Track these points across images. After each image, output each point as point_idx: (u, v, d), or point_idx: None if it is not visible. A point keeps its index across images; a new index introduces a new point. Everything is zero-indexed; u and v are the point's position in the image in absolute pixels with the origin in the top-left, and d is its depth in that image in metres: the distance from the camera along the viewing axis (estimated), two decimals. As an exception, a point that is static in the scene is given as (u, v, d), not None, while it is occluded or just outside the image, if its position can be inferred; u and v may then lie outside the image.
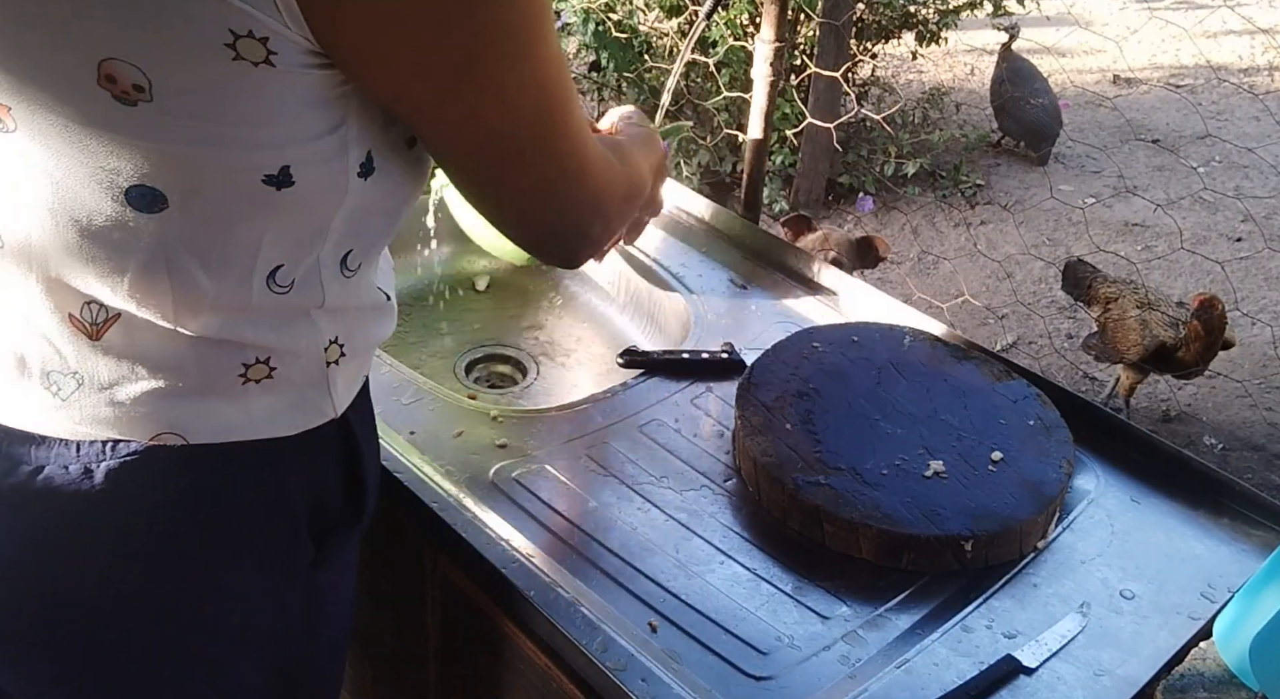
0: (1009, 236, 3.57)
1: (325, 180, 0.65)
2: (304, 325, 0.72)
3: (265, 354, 0.71)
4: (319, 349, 0.74)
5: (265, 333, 0.70)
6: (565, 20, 3.54)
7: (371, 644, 1.18)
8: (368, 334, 0.79)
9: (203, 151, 0.60)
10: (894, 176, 3.74)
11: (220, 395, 0.70)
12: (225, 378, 0.70)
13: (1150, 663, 0.86)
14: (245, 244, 0.65)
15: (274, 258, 0.67)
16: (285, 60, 0.58)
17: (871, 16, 3.76)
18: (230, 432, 0.71)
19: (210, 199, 0.62)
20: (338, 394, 0.76)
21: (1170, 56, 5.20)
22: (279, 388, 0.72)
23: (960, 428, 1.05)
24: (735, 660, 0.84)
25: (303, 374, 0.73)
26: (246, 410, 0.71)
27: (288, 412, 0.74)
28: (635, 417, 1.11)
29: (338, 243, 0.70)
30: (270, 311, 0.69)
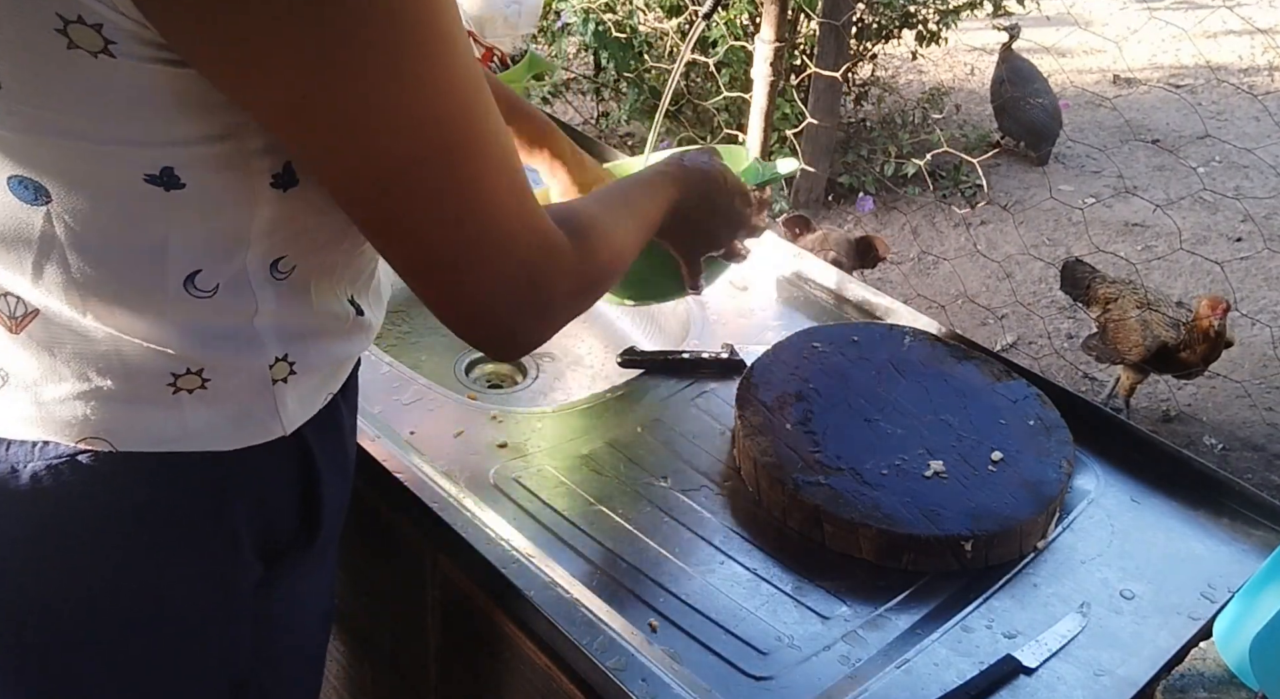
0: (1009, 236, 3.57)
1: (226, 188, 0.61)
2: (242, 339, 0.68)
3: (196, 365, 0.67)
4: (262, 365, 0.69)
5: (193, 342, 0.66)
6: (565, 20, 3.54)
7: (371, 644, 1.18)
8: (328, 352, 0.73)
9: (67, 144, 0.57)
10: (894, 176, 3.74)
11: (150, 403, 0.67)
12: (153, 385, 0.66)
13: (1150, 663, 0.86)
14: (148, 244, 0.62)
15: (189, 261, 0.63)
16: (126, 51, 0.54)
17: (871, 16, 3.76)
18: (161, 441, 0.67)
19: (93, 194, 0.60)
20: (288, 412, 0.72)
21: (1170, 56, 5.20)
22: (215, 401, 0.68)
23: (960, 428, 1.05)
24: (735, 660, 0.84)
25: (243, 389, 0.69)
26: (180, 421, 0.67)
27: (227, 426, 0.69)
28: (635, 417, 1.11)
29: (265, 251, 0.65)
30: (196, 318, 0.65)
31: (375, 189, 0.59)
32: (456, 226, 0.61)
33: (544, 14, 3.51)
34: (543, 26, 3.62)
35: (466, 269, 0.63)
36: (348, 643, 1.23)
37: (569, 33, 3.57)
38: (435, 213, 0.60)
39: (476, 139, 0.60)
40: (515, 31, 1.63)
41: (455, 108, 0.59)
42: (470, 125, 0.60)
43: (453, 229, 0.61)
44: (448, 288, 0.64)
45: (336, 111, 0.56)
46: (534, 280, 0.66)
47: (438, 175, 0.59)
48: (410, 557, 1.03)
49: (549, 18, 3.61)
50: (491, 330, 0.68)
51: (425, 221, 0.61)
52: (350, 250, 0.71)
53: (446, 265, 0.63)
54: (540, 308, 0.68)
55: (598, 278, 0.75)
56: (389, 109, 0.56)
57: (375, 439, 1.02)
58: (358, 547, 1.13)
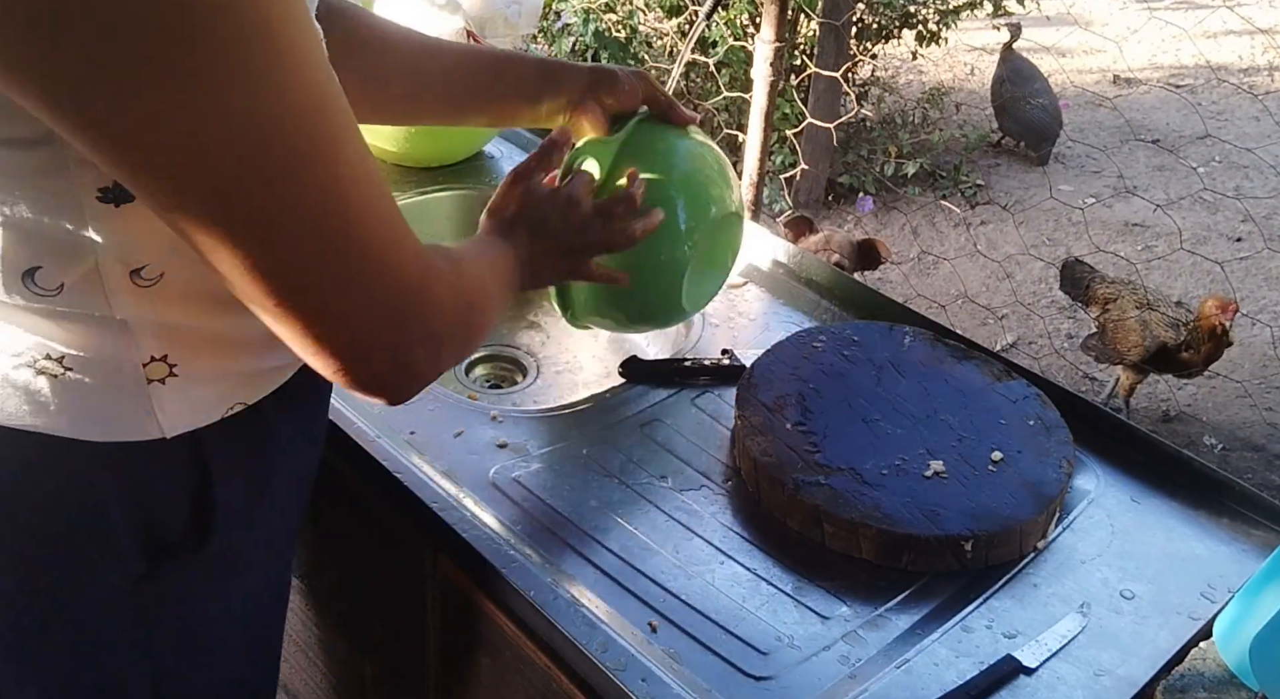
0: (1009, 236, 3.57)
1: (49, 194, 0.58)
2: (107, 333, 0.64)
3: (56, 352, 0.64)
4: (133, 363, 0.65)
5: (49, 329, 0.63)
6: (565, 20, 3.54)
7: (371, 644, 1.18)
8: (217, 361, 0.69)
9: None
10: (894, 176, 3.74)
11: (10, 383, 0.64)
12: (14, 366, 0.64)
13: (1150, 663, 0.86)
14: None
15: (24, 257, 0.60)
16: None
17: (871, 16, 3.76)
18: (21, 418, 0.65)
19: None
20: (166, 415, 0.68)
21: (1170, 56, 5.20)
22: (80, 390, 0.65)
23: (960, 428, 1.05)
24: (735, 660, 0.84)
25: (110, 384, 0.66)
26: (40, 403, 0.64)
27: (91, 417, 0.66)
28: (635, 417, 1.11)
29: (118, 258, 0.61)
30: (44, 312, 0.62)
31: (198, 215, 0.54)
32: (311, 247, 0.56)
33: (544, 14, 3.51)
34: (543, 26, 3.62)
35: (332, 295, 0.58)
36: (348, 643, 1.23)
37: (569, 33, 3.57)
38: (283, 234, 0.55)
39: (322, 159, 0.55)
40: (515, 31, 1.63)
41: (296, 129, 0.53)
42: (314, 139, 0.54)
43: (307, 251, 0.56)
44: (315, 319, 0.58)
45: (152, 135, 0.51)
46: (414, 303, 0.62)
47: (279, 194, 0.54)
48: (410, 557, 1.03)
49: (549, 18, 3.61)
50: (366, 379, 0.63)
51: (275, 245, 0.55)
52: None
53: (309, 291, 0.57)
54: (425, 334, 0.63)
55: (474, 302, 0.71)
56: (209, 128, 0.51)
57: (375, 439, 1.02)
58: (358, 547, 1.13)
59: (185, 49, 0.49)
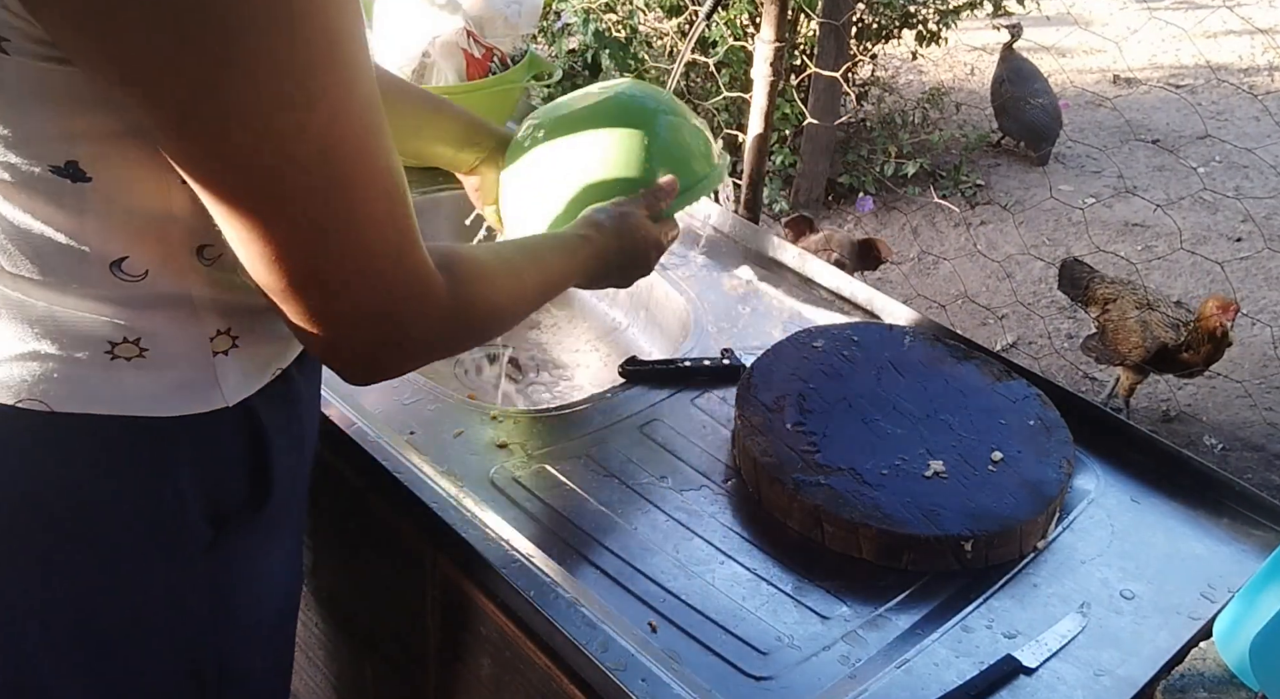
0: (1009, 236, 3.58)
1: (136, 180, 0.63)
2: (180, 312, 0.69)
3: (134, 334, 0.68)
4: (202, 338, 0.71)
5: (129, 315, 0.67)
6: (565, 20, 3.54)
7: (371, 644, 1.18)
8: (272, 327, 0.74)
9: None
10: (894, 176, 3.74)
11: (86, 367, 0.68)
12: (90, 351, 0.68)
13: (1150, 663, 0.86)
14: (67, 232, 0.63)
15: (112, 249, 0.65)
16: (18, 49, 0.55)
17: (871, 16, 3.76)
18: (97, 403, 0.68)
19: (10, 185, 0.62)
20: (229, 384, 0.73)
21: (1170, 56, 5.20)
22: (154, 369, 0.69)
23: (960, 428, 1.05)
24: (735, 660, 0.84)
25: (183, 359, 0.70)
26: (118, 385, 0.68)
27: (166, 393, 0.70)
28: (635, 417, 1.11)
29: (188, 238, 0.67)
30: (130, 296, 0.67)
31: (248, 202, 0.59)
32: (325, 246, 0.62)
33: (544, 14, 3.51)
34: (543, 26, 3.62)
35: (330, 293, 0.64)
36: (348, 643, 1.23)
37: (569, 32, 3.57)
38: (306, 231, 0.61)
39: (362, 164, 0.60)
40: (515, 31, 1.63)
41: (343, 129, 0.59)
42: (358, 149, 0.60)
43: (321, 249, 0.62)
44: (309, 308, 0.64)
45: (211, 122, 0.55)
46: (395, 315, 0.67)
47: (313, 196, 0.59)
48: (410, 557, 1.03)
49: (549, 18, 3.61)
50: (347, 357, 0.69)
51: (295, 238, 0.61)
52: None
53: (311, 286, 0.63)
54: (397, 343, 0.69)
55: (470, 326, 0.76)
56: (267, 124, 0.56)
57: (375, 439, 1.02)
58: (358, 547, 1.13)
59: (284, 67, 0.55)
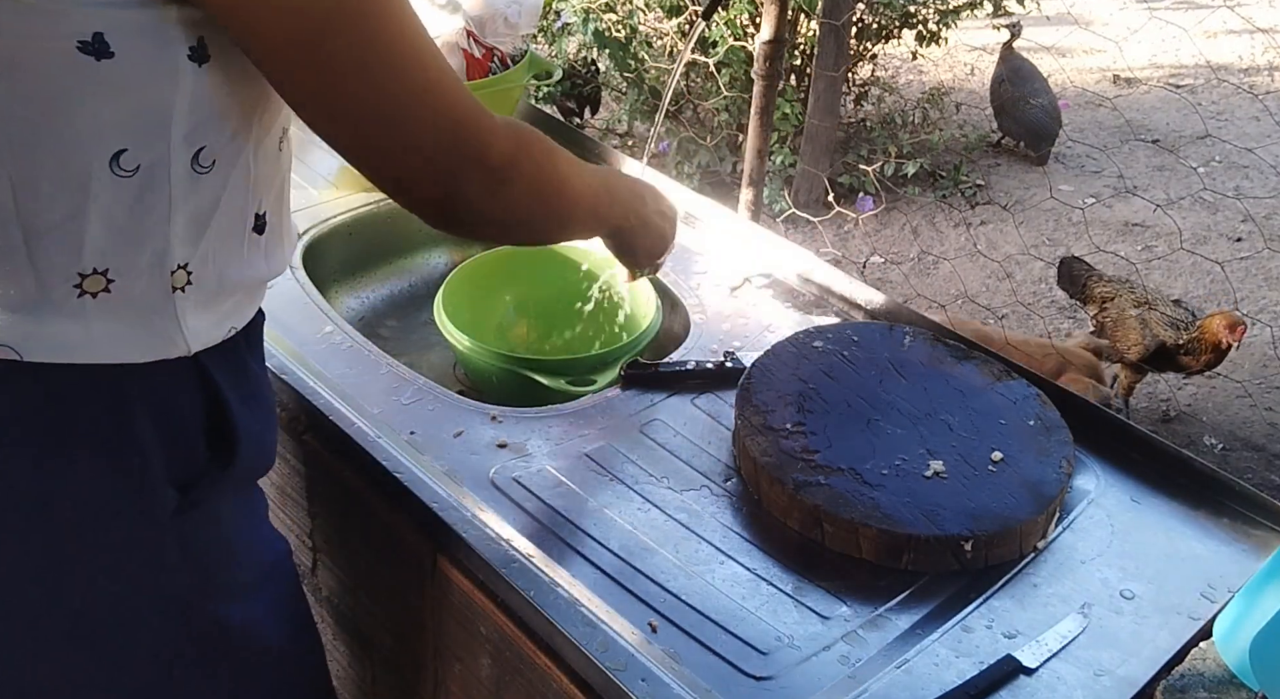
0: (1009, 236, 3.57)
1: (149, 55, 0.64)
2: (148, 236, 0.70)
3: (102, 264, 0.69)
4: (164, 270, 0.72)
5: (106, 230, 0.68)
6: (565, 20, 3.54)
7: (371, 644, 1.18)
8: (223, 271, 0.76)
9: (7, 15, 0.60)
10: (894, 176, 3.74)
11: (56, 309, 0.69)
12: (60, 287, 0.68)
13: (1150, 663, 0.86)
14: (79, 119, 0.64)
15: (116, 138, 0.66)
16: None
17: (871, 16, 3.76)
18: (67, 351, 0.69)
19: (26, 70, 0.62)
20: (189, 328, 0.74)
21: (1170, 56, 5.20)
22: (118, 307, 0.71)
23: (960, 428, 1.05)
24: (735, 660, 0.84)
25: (144, 295, 0.72)
26: (86, 328, 0.70)
27: (131, 335, 0.72)
28: (635, 417, 1.11)
29: (187, 136, 0.68)
30: (115, 203, 0.67)
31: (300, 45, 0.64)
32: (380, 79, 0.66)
33: (544, 14, 3.51)
34: (543, 26, 3.62)
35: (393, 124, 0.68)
36: (348, 643, 1.23)
37: (569, 32, 3.57)
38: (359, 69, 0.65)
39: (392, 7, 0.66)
40: (515, 31, 1.63)
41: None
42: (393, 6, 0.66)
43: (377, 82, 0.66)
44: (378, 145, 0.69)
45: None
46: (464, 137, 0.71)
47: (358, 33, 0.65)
48: (410, 557, 1.03)
49: (549, 18, 3.61)
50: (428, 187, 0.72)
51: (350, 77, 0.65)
52: (260, 146, 0.75)
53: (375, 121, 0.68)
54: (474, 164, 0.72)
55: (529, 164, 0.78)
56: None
57: (375, 439, 1.02)
58: (358, 546, 1.13)
59: None
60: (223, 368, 0.78)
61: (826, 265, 1.36)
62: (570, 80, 3.66)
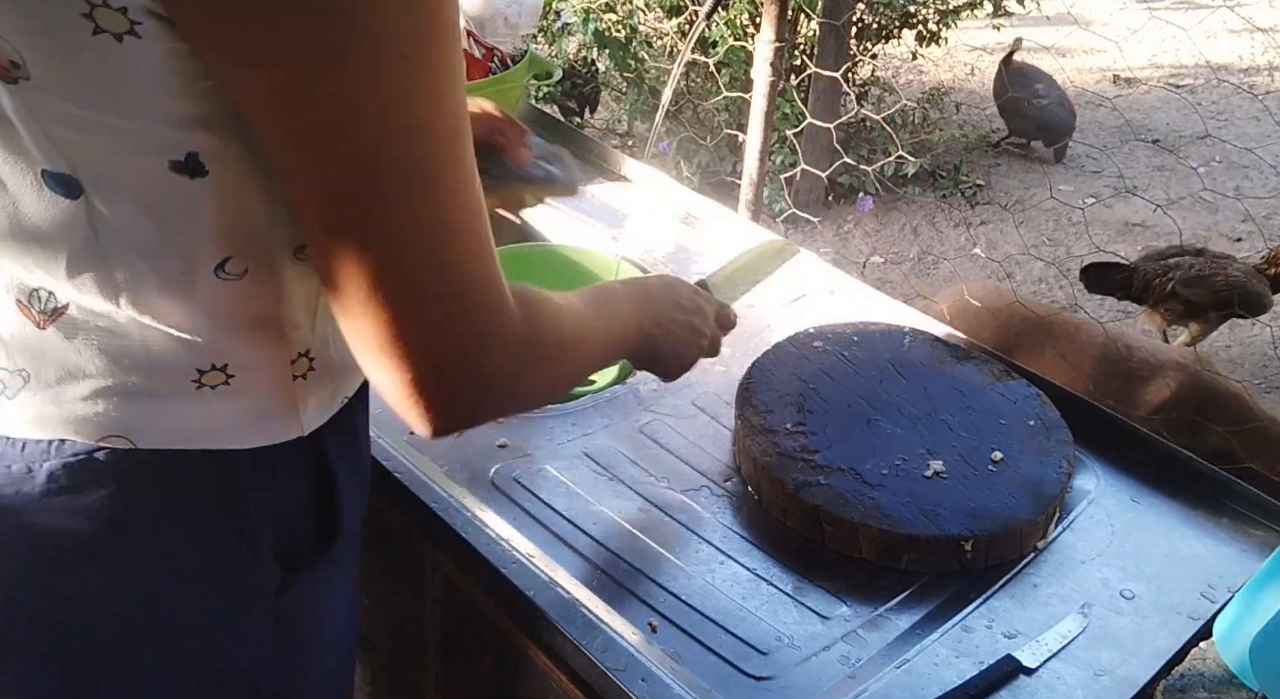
0: (1009, 236, 3.58)
1: (248, 172, 0.61)
2: (270, 329, 0.68)
3: (221, 359, 0.67)
4: (285, 360, 0.69)
5: (222, 331, 0.66)
6: (565, 20, 3.55)
7: (371, 644, 1.18)
8: (344, 352, 0.71)
9: (96, 136, 0.57)
10: (894, 176, 3.74)
11: (173, 399, 0.66)
12: (178, 381, 0.66)
13: (1150, 663, 0.86)
14: (179, 234, 0.62)
15: (218, 248, 0.63)
16: (149, 32, 0.54)
17: (871, 16, 3.76)
18: (181, 438, 0.67)
19: (123, 186, 0.60)
20: (307, 413, 0.72)
21: (1170, 56, 5.20)
22: (238, 397, 0.68)
23: (960, 428, 1.05)
24: (735, 660, 0.84)
25: (265, 386, 0.69)
26: (202, 417, 0.67)
27: (248, 423, 0.69)
28: (635, 417, 1.11)
29: (290, 235, 0.65)
30: (227, 305, 0.65)
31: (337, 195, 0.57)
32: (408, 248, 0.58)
33: (544, 14, 3.52)
34: (543, 26, 3.62)
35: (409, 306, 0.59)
36: (348, 643, 1.23)
37: (569, 32, 3.58)
38: (392, 230, 0.58)
39: (452, 165, 0.58)
40: (515, 31, 1.63)
41: (440, 127, 0.57)
42: (449, 150, 0.58)
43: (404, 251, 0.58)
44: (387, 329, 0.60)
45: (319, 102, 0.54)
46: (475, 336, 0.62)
47: (405, 191, 0.57)
48: (410, 557, 1.03)
49: (549, 17, 3.61)
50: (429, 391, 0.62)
51: (379, 236, 0.58)
52: None
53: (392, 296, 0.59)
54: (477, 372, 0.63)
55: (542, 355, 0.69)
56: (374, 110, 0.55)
57: (375, 439, 1.02)
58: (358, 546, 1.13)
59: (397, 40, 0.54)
60: (336, 438, 0.75)
61: (827, 265, 1.36)
62: (570, 80, 3.66)
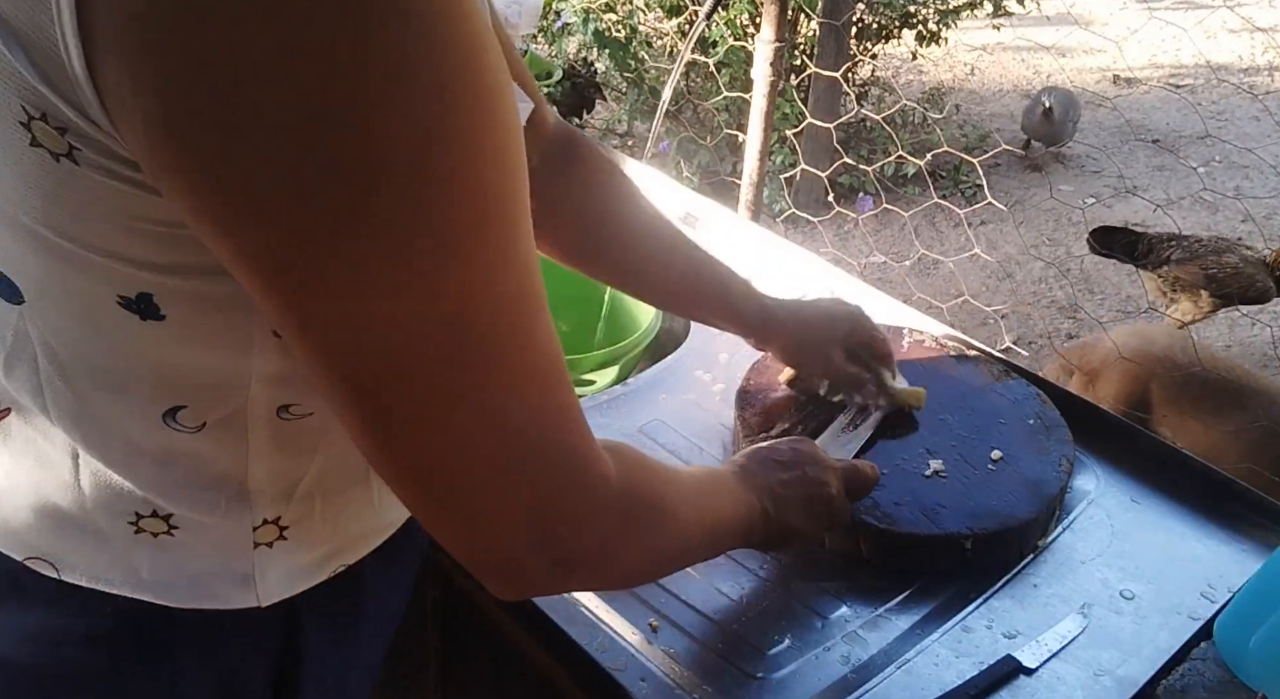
0: (1009, 236, 3.58)
1: (218, 329, 0.52)
2: (227, 492, 0.59)
3: (164, 509, 0.58)
4: (244, 526, 0.60)
5: (167, 484, 0.57)
6: (565, 20, 3.55)
7: (371, 644, 1.18)
8: (335, 521, 0.63)
9: (37, 247, 0.49)
10: (894, 176, 3.74)
11: (104, 538, 0.59)
12: (112, 521, 0.58)
13: (1150, 663, 0.86)
14: (122, 370, 0.53)
15: (169, 396, 0.54)
16: (90, 162, 0.45)
17: (871, 16, 3.76)
18: (108, 581, 0.59)
19: (63, 306, 0.51)
20: (266, 582, 0.62)
21: (1170, 56, 5.20)
22: (180, 552, 0.60)
23: (960, 427, 1.04)
24: (735, 660, 0.84)
25: (216, 548, 0.60)
26: (130, 566, 0.59)
27: (188, 583, 0.60)
28: (635, 417, 1.11)
29: (270, 398, 0.56)
30: (175, 456, 0.57)
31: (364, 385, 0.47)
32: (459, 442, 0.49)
33: (544, 14, 3.52)
34: (543, 26, 3.62)
35: (472, 491, 0.51)
36: (348, 643, 1.23)
37: (569, 32, 3.58)
38: (435, 423, 0.48)
39: (512, 346, 0.49)
40: (515, 32, 1.63)
41: (494, 306, 0.47)
42: (510, 330, 0.48)
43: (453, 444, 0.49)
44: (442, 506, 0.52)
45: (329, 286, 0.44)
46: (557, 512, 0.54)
47: (448, 382, 0.47)
48: (410, 557, 1.03)
49: (549, 17, 3.61)
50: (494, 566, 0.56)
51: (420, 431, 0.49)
52: None
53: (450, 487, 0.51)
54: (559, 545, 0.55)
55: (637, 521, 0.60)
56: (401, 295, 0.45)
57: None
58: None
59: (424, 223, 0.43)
60: (319, 608, 0.66)
61: (827, 265, 1.36)
62: (570, 80, 3.66)
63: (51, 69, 0.42)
